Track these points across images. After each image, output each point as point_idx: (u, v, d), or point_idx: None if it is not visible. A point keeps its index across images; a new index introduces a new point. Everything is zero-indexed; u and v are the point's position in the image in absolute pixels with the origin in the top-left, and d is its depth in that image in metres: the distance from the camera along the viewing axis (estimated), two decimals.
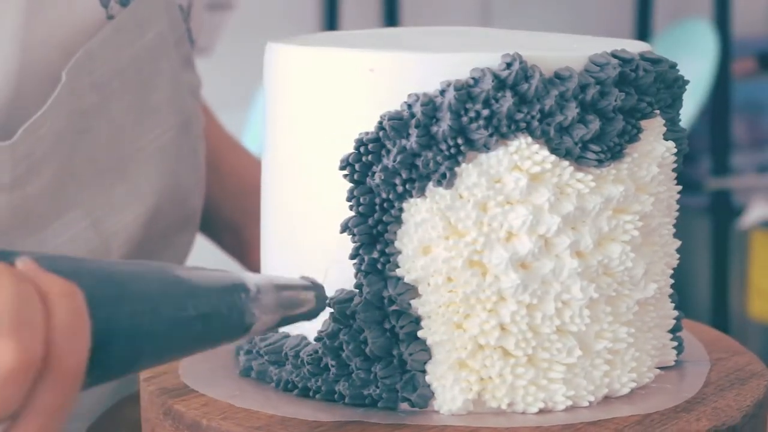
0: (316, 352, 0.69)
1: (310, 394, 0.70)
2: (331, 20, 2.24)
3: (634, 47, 0.71)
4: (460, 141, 0.65)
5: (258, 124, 2.03)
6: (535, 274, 0.67)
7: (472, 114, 0.65)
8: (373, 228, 0.67)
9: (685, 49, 2.11)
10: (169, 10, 0.87)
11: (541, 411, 0.68)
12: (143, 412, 0.73)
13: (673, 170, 0.72)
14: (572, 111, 0.66)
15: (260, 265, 0.77)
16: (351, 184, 0.67)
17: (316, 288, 0.65)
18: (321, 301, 0.65)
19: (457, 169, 0.66)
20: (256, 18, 1.99)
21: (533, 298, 0.67)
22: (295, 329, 0.72)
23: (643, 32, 2.39)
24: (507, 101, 0.65)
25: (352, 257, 0.67)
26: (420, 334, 0.67)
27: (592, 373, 0.69)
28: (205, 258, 1.05)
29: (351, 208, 0.67)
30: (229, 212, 1.00)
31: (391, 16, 2.25)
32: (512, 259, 0.66)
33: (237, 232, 1.00)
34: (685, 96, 0.73)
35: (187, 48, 0.90)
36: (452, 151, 0.65)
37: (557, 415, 0.68)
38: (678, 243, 0.74)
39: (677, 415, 0.68)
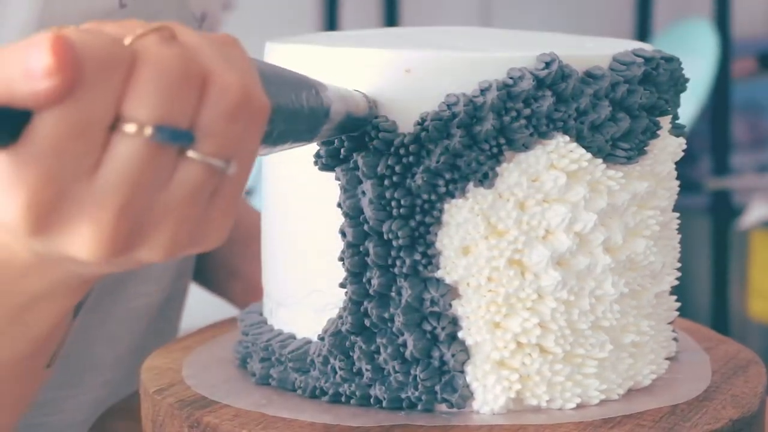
0: (349, 357, 0.69)
1: (343, 399, 0.69)
2: (331, 20, 2.23)
3: (639, 46, 0.72)
4: (501, 141, 0.65)
5: None
6: (572, 271, 0.67)
7: (513, 113, 0.65)
8: (415, 230, 0.66)
9: (685, 49, 2.12)
10: (181, 10, 0.86)
11: (577, 406, 0.69)
12: (156, 426, 0.71)
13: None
14: (605, 109, 0.67)
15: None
16: (389, 187, 0.66)
17: (365, 95, 0.66)
18: (372, 104, 0.66)
19: (498, 168, 0.66)
20: (256, 18, 1.99)
21: (571, 295, 0.67)
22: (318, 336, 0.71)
23: (643, 32, 2.39)
24: (547, 101, 0.66)
25: (392, 260, 0.67)
26: (460, 335, 0.67)
27: (618, 367, 0.70)
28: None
29: (390, 210, 0.66)
30: (238, 260, 1.00)
31: (391, 16, 2.24)
32: (552, 257, 0.67)
33: (246, 279, 1.00)
34: (685, 96, 0.74)
35: None
36: (494, 150, 0.66)
37: (592, 409, 0.69)
38: (679, 236, 0.75)
39: (702, 404, 0.70)
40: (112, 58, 0.48)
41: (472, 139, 0.65)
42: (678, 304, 0.76)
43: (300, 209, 0.72)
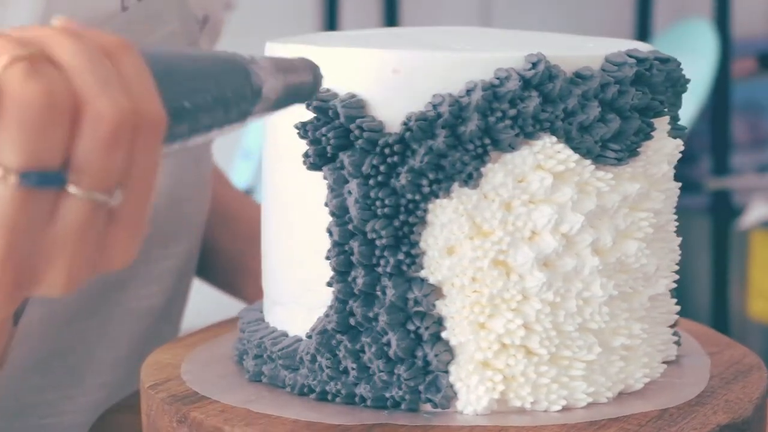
0: (335, 355, 0.69)
1: (329, 397, 0.69)
2: (331, 20, 2.23)
3: (635, 47, 0.71)
4: (486, 141, 0.65)
5: (258, 124, 2.02)
6: (558, 272, 0.67)
7: (498, 114, 0.65)
8: (399, 230, 0.66)
9: (685, 49, 2.12)
10: (183, 12, 0.86)
11: (563, 408, 0.68)
12: (150, 420, 0.72)
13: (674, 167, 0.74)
14: (594, 110, 0.67)
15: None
16: (375, 186, 0.66)
17: (310, 62, 0.63)
18: (317, 71, 0.63)
19: (483, 169, 0.66)
20: (256, 18, 1.99)
21: (556, 297, 0.67)
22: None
23: (643, 32, 2.39)
24: (533, 101, 0.66)
25: (377, 259, 0.67)
26: (444, 335, 0.67)
27: (608, 370, 0.70)
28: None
29: (375, 209, 0.66)
30: (248, 258, 1.00)
31: (391, 16, 2.25)
32: (537, 258, 0.66)
33: (257, 277, 1.02)
34: (685, 96, 0.74)
35: None
36: (479, 151, 0.65)
37: (578, 412, 0.68)
38: (679, 239, 0.75)
39: (693, 409, 0.69)
40: None
41: (457, 140, 0.65)
42: (678, 308, 0.75)
43: (292, 208, 0.72)
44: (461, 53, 0.68)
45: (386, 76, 0.67)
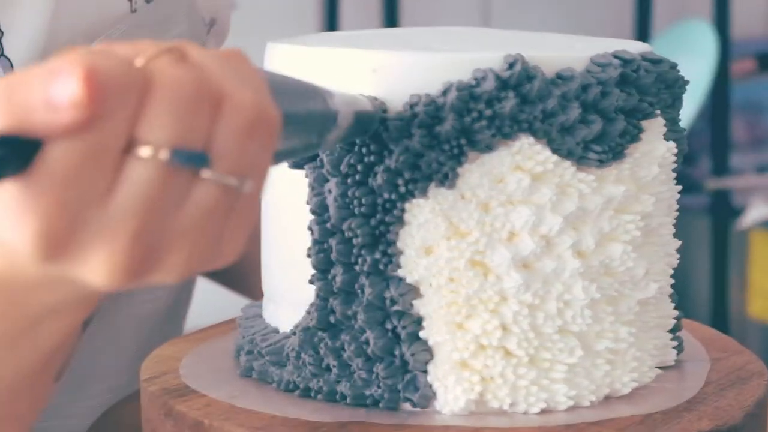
0: (317, 352, 0.69)
1: (312, 394, 0.70)
2: (331, 20, 2.24)
3: (635, 48, 0.71)
4: (462, 141, 0.65)
5: None
6: (537, 274, 0.67)
7: (474, 114, 0.65)
8: (375, 229, 0.67)
9: (684, 50, 2.12)
10: (191, 15, 0.87)
11: (542, 411, 0.68)
12: (144, 412, 0.73)
13: (673, 170, 0.73)
14: (574, 111, 0.67)
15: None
16: (351, 185, 0.67)
17: (369, 96, 0.66)
18: (375, 103, 0.66)
19: (459, 169, 0.66)
20: (256, 18, 1.99)
21: (535, 298, 0.67)
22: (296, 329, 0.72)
23: (642, 32, 2.39)
24: (509, 102, 0.65)
25: (355, 258, 0.67)
26: (422, 334, 0.67)
27: (593, 373, 0.69)
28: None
29: (352, 208, 0.67)
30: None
31: (391, 16, 2.25)
32: (515, 259, 0.66)
33: None
34: (684, 96, 0.73)
35: None
36: (455, 151, 0.66)
37: (559, 415, 0.68)
38: (678, 243, 0.74)
39: (679, 415, 0.69)
40: (127, 83, 0.48)
41: (434, 139, 0.65)
42: (676, 312, 0.74)
43: (282, 206, 0.73)
44: (440, 54, 0.68)
45: (366, 75, 0.67)
